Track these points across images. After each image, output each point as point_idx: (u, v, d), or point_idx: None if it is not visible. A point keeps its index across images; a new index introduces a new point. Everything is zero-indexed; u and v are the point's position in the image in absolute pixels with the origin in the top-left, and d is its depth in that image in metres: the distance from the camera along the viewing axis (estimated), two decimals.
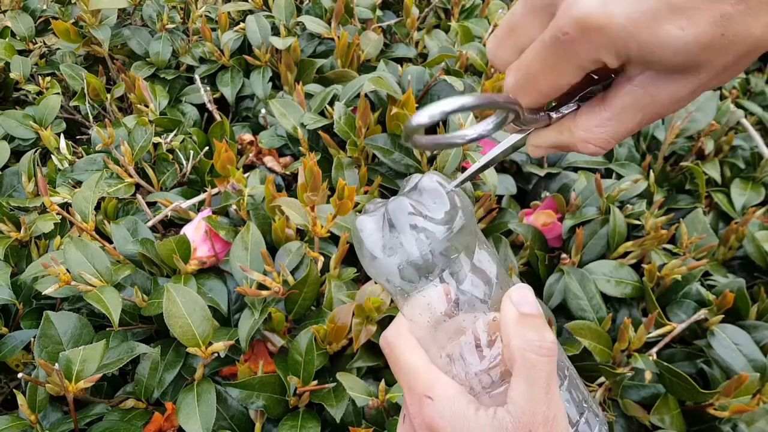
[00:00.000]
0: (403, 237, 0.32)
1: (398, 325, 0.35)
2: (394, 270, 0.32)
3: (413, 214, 0.32)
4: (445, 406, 0.32)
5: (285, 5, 1.02)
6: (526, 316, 0.32)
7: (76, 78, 0.97)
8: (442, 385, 0.33)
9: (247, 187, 0.75)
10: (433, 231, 0.32)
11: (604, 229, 0.77)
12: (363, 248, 0.33)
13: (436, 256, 0.32)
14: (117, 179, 0.80)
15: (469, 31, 1.00)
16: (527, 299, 0.33)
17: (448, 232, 0.32)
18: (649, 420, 0.63)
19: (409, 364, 0.34)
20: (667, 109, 0.29)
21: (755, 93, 1.11)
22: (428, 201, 0.33)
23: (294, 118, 0.84)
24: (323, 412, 0.61)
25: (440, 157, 0.74)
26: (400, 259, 0.32)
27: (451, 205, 0.33)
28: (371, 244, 0.33)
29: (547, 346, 0.31)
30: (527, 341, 0.31)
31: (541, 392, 0.31)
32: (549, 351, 0.31)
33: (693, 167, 0.89)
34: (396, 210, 0.32)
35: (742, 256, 0.84)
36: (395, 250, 0.32)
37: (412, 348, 0.34)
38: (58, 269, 0.61)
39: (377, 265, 0.33)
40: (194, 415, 0.57)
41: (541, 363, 0.31)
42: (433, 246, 0.32)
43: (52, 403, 0.60)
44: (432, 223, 0.32)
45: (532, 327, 0.32)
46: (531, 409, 0.30)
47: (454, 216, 0.32)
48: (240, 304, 0.69)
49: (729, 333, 0.67)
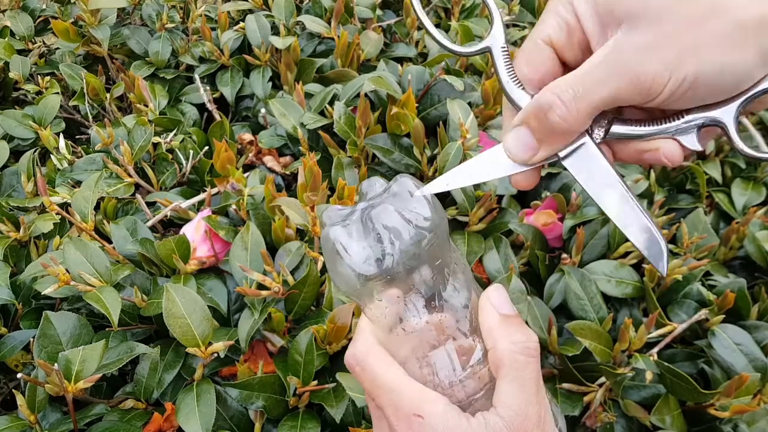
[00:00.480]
0: (388, 244, 0.30)
1: (365, 341, 0.33)
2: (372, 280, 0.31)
3: (399, 219, 0.31)
4: (437, 422, 0.31)
5: (285, 5, 1.01)
6: (508, 317, 0.32)
7: (76, 78, 0.97)
8: (430, 402, 0.31)
9: (247, 186, 0.75)
10: (417, 236, 0.31)
11: (605, 229, 0.76)
12: (339, 260, 0.31)
13: (417, 263, 0.31)
14: (116, 179, 0.80)
15: (469, 30, 1.00)
16: (505, 299, 0.33)
17: (432, 237, 0.31)
18: (650, 420, 0.63)
19: (389, 381, 0.32)
20: (634, 62, 0.28)
21: None
22: (405, 206, 0.31)
23: (294, 117, 0.84)
24: (323, 412, 0.61)
25: (440, 157, 0.74)
26: (379, 267, 0.31)
27: (431, 209, 0.32)
28: (353, 253, 0.31)
29: (534, 346, 0.31)
30: (515, 343, 0.31)
31: (532, 393, 0.31)
32: (536, 351, 0.31)
33: (694, 167, 0.89)
34: (381, 216, 0.31)
35: (743, 256, 0.84)
36: (377, 258, 0.31)
37: (387, 364, 0.32)
38: (58, 269, 0.61)
39: (354, 275, 0.31)
40: (194, 416, 0.56)
41: (530, 364, 0.31)
42: (416, 251, 0.31)
43: (52, 403, 0.60)
44: (416, 228, 0.31)
45: (518, 328, 0.32)
46: (524, 410, 0.30)
47: (436, 220, 0.31)
48: (240, 304, 0.68)
49: (730, 333, 0.67)
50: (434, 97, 0.83)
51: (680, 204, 0.88)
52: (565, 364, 0.66)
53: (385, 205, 0.31)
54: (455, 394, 0.33)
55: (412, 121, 0.76)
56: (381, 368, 0.32)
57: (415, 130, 0.76)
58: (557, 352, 0.66)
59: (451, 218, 0.77)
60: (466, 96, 0.82)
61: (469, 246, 0.73)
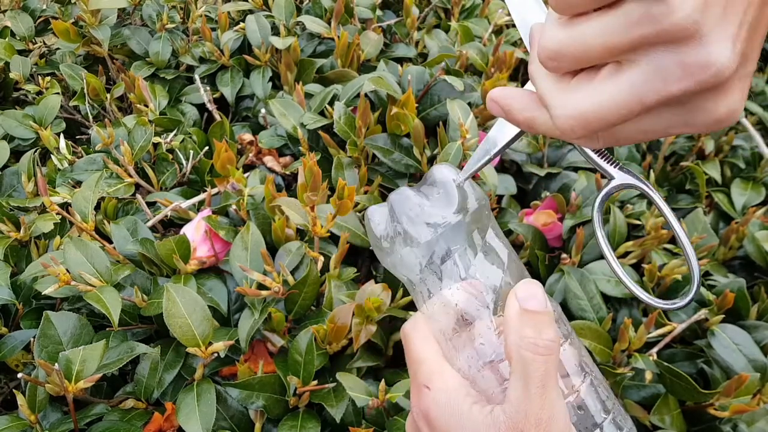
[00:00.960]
0: (407, 226, 0.33)
1: (416, 317, 0.36)
2: (399, 258, 0.33)
3: (415, 202, 0.33)
4: (441, 397, 0.32)
5: (285, 5, 1.01)
6: (528, 312, 0.31)
7: (76, 78, 0.97)
8: (442, 377, 0.33)
9: (247, 187, 0.75)
10: (434, 219, 0.32)
11: (605, 229, 0.76)
12: (370, 236, 0.34)
13: (440, 244, 0.33)
14: (117, 179, 0.80)
15: (469, 30, 1.00)
16: (534, 295, 0.32)
17: (449, 221, 0.32)
18: (650, 420, 0.63)
19: (418, 354, 0.34)
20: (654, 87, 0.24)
21: (755, 93, 1.11)
22: (433, 191, 0.33)
23: (294, 117, 0.84)
24: (323, 412, 0.61)
25: (440, 157, 0.74)
26: (405, 248, 0.33)
27: (457, 194, 0.33)
28: (379, 233, 0.34)
29: (544, 344, 0.30)
30: (522, 338, 0.30)
31: (536, 392, 0.30)
32: (546, 349, 0.30)
33: (693, 167, 0.89)
34: (397, 199, 0.33)
35: (743, 256, 0.84)
36: (401, 239, 0.33)
37: (423, 339, 0.34)
38: (58, 269, 0.61)
39: (385, 253, 0.34)
40: (194, 415, 0.57)
41: (536, 361, 0.30)
42: (434, 233, 0.32)
43: (52, 403, 0.60)
44: (434, 211, 0.33)
45: (531, 324, 0.31)
46: (524, 408, 0.30)
47: (460, 204, 0.33)
48: (240, 304, 0.68)
49: (729, 333, 0.67)
50: (434, 98, 0.83)
51: (680, 204, 0.88)
52: None
53: (405, 189, 0.34)
54: (477, 382, 0.33)
55: (412, 121, 0.76)
56: (416, 341, 0.35)
57: (415, 131, 0.76)
58: None
59: None
60: (466, 96, 0.82)
61: None
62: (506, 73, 0.88)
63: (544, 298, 0.32)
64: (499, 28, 1.07)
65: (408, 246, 0.33)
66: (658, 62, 0.24)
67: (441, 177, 0.34)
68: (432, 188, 0.34)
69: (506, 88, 0.30)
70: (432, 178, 0.34)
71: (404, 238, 0.33)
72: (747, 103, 1.06)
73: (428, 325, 0.35)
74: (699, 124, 0.26)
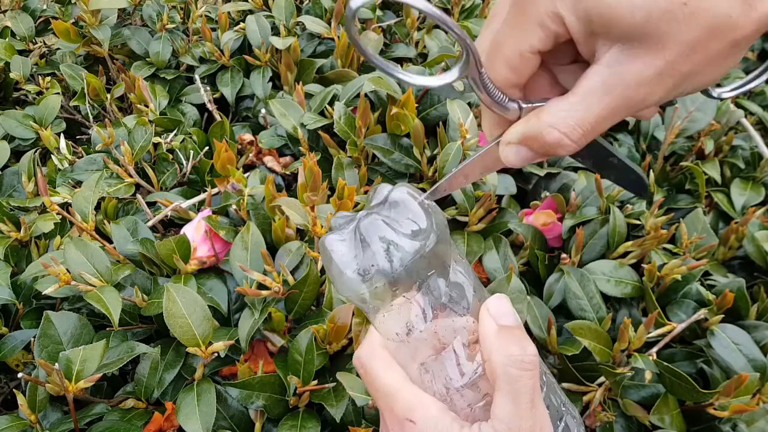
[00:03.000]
0: (378, 256, 0.30)
1: (371, 344, 0.34)
2: (366, 289, 0.31)
3: (386, 231, 0.31)
4: (429, 427, 0.31)
5: (285, 5, 1.02)
6: (506, 328, 0.31)
7: (76, 78, 0.98)
8: (423, 406, 0.32)
9: (247, 187, 0.75)
10: (408, 247, 0.30)
11: (604, 228, 0.77)
12: (334, 268, 0.31)
13: (412, 273, 0.31)
14: (117, 179, 0.80)
15: (469, 30, 1.00)
16: (505, 310, 0.32)
17: (423, 248, 0.30)
18: (649, 420, 0.63)
19: (387, 385, 0.33)
20: (636, 93, 0.27)
21: (755, 93, 1.11)
22: (400, 216, 0.31)
23: (294, 118, 0.84)
24: (323, 412, 0.61)
25: (440, 157, 0.74)
26: (373, 278, 0.30)
27: (424, 219, 0.31)
28: (343, 264, 0.31)
29: (529, 359, 0.30)
30: (509, 356, 0.30)
31: (526, 407, 0.30)
32: (531, 364, 0.30)
33: (693, 167, 0.89)
34: (368, 228, 0.31)
35: (742, 255, 0.84)
36: (369, 269, 0.30)
37: (387, 367, 0.33)
38: (58, 269, 0.61)
39: (350, 284, 0.31)
40: (194, 415, 0.57)
41: (524, 377, 0.30)
42: (407, 263, 0.30)
43: (52, 403, 0.60)
44: (406, 239, 0.30)
45: (513, 340, 0.31)
46: (516, 424, 0.30)
47: (428, 230, 0.31)
48: (240, 304, 0.69)
49: (729, 333, 0.67)
50: (434, 98, 0.83)
51: (679, 204, 0.88)
52: (565, 364, 0.66)
53: (373, 216, 0.31)
54: (455, 401, 0.33)
55: (412, 121, 0.76)
56: (380, 372, 0.33)
57: (414, 131, 0.76)
58: (557, 351, 0.66)
59: (451, 218, 0.77)
60: (466, 96, 0.82)
61: (469, 246, 0.73)
62: None
63: (514, 312, 0.32)
64: None
65: (383, 277, 0.30)
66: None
67: (403, 198, 0.32)
68: (394, 211, 0.31)
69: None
70: (391, 200, 0.32)
71: (378, 270, 0.30)
72: (746, 103, 1.06)
73: (386, 351, 0.33)
74: None
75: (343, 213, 0.33)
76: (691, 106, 0.92)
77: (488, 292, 0.34)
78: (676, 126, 0.90)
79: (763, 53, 1.23)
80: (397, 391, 0.32)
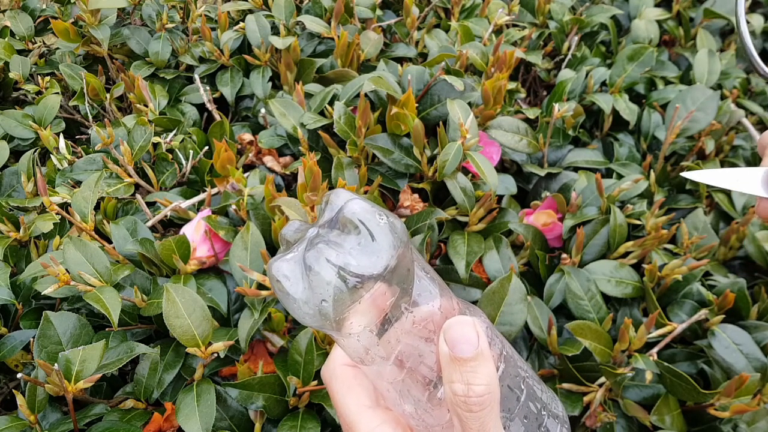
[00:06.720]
0: (329, 288, 0.27)
1: (333, 362, 0.33)
2: (320, 321, 0.28)
3: (338, 259, 0.27)
4: None
5: (285, 5, 1.01)
6: (457, 360, 0.29)
7: (76, 78, 0.97)
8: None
9: (247, 186, 0.75)
10: (364, 273, 0.27)
11: (605, 229, 0.76)
12: (283, 299, 0.28)
13: (369, 302, 0.28)
14: (116, 179, 0.80)
15: (469, 30, 1.00)
16: (463, 337, 0.29)
17: (380, 275, 0.27)
18: (650, 420, 0.63)
19: (345, 411, 0.32)
20: None
21: (756, 93, 1.10)
22: (353, 239, 0.28)
23: (294, 117, 0.84)
24: (323, 412, 0.61)
25: (440, 157, 0.74)
26: (325, 311, 0.27)
27: (382, 239, 0.28)
28: (293, 299, 0.28)
29: (474, 400, 0.29)
30: (454, 394, 0.29)
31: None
32: (477, 405, 0.29)
33: (693, 167, 0.89)
34: (316, 258, 0.27)
35: (743, 256, 0.84)
36: (318, 304, 0.27)
37: (346, 390, 0.33)
38: (58, 269, 0.61)
39: (302, 317, 0.28)
40: (194, 416, 0.57)
41: (471, 419, 0.29)
42: (363, 293, 0.27)
43: (52, 403, 0.60)
44: (361, 266, 0.27)
45: (459, 376, 0.29)
46: None
47: (386, 252, 0.27)
48: (240, 304, 0.68)
49: (730, 333, 0.67)
50: (434, 97, 0.83)
51: (680, 204, 0.88)
52: (565, 364, 0.66)
53: (322, 245, 0.27)
54: (425, 420, 0.32)
55: (412, 121, 0.76)
56: (338, 395, 0.33)
57: (415, 130, 0.76)
58: (557, 352, 0.66)
59: (451, 218, 0.77)
60: (466, 96, 0.82)
61: (469, 246, 0.73)
62: (506, 72, 0.88)
63: (475, 336, 0.29)
64: (500, 28, 1.07)
65: (335, 311, 0.27)
66: None
67: (357, 216, 0.28)
68: (346, 231, 0.28)
69: None
70: (345, 215, 0.28)
71: (330, 304, 0.27)
72: (747, 102, 1.06)
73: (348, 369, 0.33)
74: None
75: (296, 224, 0.30)
76: (691, 106, 0.92)
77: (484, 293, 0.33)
78: (676, 126, 0.90)
79: (764, 53, 1.23)
80: (354, 421, 0.32)
